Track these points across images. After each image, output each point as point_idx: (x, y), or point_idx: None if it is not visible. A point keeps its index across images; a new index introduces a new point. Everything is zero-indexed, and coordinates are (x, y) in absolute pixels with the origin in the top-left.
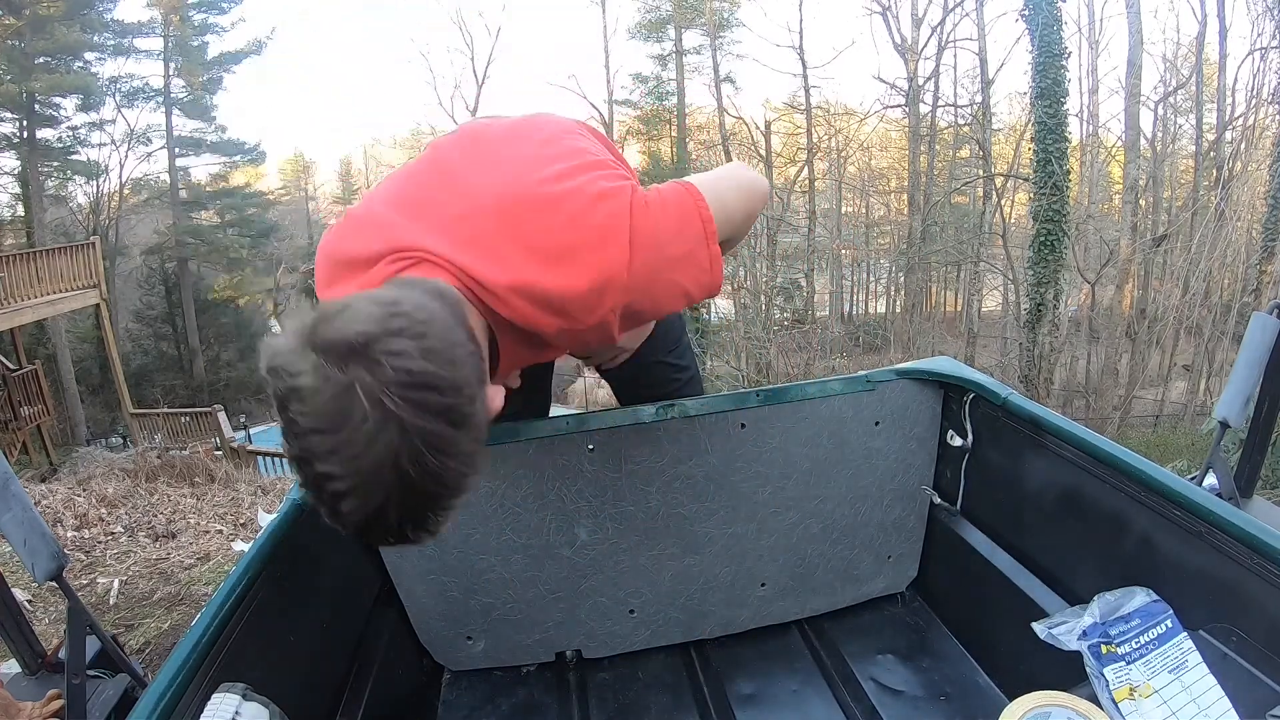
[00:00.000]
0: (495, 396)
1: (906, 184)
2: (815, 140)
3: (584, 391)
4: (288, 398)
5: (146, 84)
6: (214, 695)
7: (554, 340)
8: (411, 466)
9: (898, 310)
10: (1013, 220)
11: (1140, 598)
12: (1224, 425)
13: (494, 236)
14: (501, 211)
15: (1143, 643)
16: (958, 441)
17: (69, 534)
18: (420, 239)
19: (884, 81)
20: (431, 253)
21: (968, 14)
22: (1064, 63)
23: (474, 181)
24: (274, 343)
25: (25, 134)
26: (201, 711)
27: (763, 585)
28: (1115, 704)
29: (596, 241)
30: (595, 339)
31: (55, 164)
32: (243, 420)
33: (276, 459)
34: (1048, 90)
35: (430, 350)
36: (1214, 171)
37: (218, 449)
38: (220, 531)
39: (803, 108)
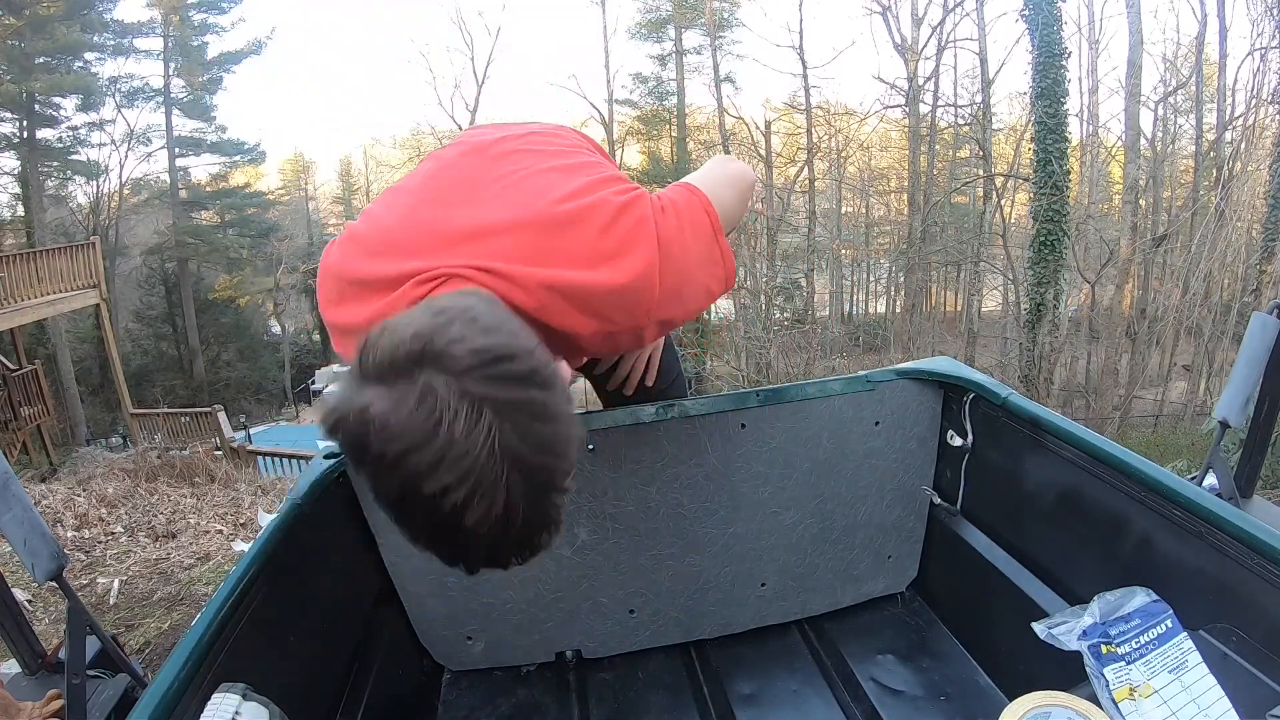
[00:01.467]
0: (563, 366)
1: (906, 184)
2: (815, 140)
3: (584, 391)
4: (366, 435)
5: (146, 84)
6: (214, 695)
7: (586, 346)
8: (519, 442)
9: (898, 310)
10: (1013, 220)
11: (1140, 598)
12: (1224, 425)
13: (526, 250)
14: (526, 230)
15: (1143, 643)
16: (958, 441)
17: (69, 534)
18: (444, 258)
19: (884, 81)
20: (457, 268)
21: (968, 14)
22: (1064, 63)
23: (491, 202)
24: (328, 396)
25: (25, 134)
26: (201, 711)
27: (763, 585)
28: (1115, 704)
29: (628, 247)
30: (627, 342)
31: (55, 164)
32: (243, 420)
33: (276, 459)
34: (1048, 90)
35: (487, 328)
36: (1214, 171)
37: (218, 449)
38: (220, 531)
39: (803, 108)
